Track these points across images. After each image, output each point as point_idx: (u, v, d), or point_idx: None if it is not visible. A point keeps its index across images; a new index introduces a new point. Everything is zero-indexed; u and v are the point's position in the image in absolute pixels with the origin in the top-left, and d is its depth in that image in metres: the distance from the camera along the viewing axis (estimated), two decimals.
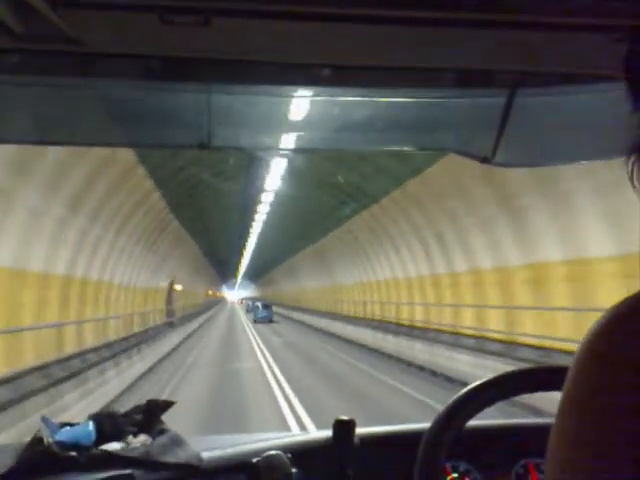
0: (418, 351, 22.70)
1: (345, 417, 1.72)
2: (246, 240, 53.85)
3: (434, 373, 19.66)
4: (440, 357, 20.22)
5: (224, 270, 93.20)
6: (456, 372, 17.76)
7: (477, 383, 1.29)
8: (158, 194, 23.70)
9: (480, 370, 15.38)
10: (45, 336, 15.62)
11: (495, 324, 18.01)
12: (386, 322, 30.17)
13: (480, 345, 18.25)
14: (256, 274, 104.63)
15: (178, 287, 42.05)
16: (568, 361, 0.72)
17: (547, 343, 14.66)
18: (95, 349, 18.71)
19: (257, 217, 38.77)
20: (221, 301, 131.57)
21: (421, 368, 21.12)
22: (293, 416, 13.49)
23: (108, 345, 20.38)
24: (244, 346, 32.90)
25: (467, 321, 20.30)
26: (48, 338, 15.84)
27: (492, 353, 16.90)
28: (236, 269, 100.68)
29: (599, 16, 1.10)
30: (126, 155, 17.52)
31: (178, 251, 39.00)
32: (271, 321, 55.69)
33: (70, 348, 17.14)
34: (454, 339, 20.51)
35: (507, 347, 16.70)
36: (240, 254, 70.19)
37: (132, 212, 22.50)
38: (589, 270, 13.30)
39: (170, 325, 35.06)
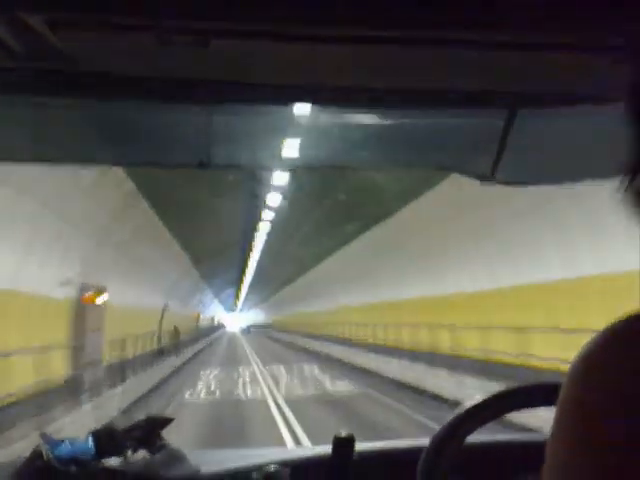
0: None
1: (344, 433, 1.72)
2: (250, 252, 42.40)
3: None
4: None
5: (221, 288, 70.88)
6: None
7: (477, 399, 1.30)
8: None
9: None
10: None
11: None
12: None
13: None
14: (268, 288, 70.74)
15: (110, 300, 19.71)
16: None
17: None
18: None
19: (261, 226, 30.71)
20: (220, 328, 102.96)
21: None
22: None
23: None
24: None
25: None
26: None
27: None
28: (238, 289, 79.31)
29: (599, 38, 1.11)
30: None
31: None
32: (249, 332, 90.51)
33: None
34: None
35: None
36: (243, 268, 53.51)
37: None
38: None
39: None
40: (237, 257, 46.87)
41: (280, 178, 20.65)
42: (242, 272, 58.13)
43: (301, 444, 12.01)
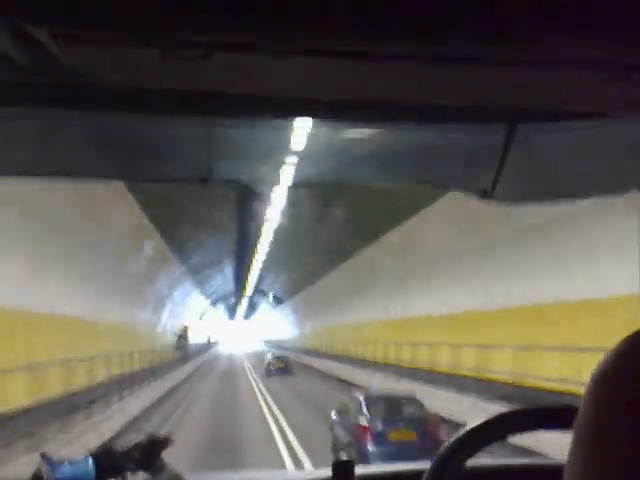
0: None
1: (345, 458, 1.70)
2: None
3: None
4: None
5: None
6: None
7: (478, 421, 1.28)
8: None
9: None
10: None
11: None
12: None
13: None
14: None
15: None
16: None
17: None
18: None
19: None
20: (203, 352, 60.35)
21: None
22: None
23: None
24: None
25: None
26: None
27: None
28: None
29: (599, 53, 1.11)
30: None
31: None
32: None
33: None
34: None
35: None
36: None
37: None
38: None
39: None
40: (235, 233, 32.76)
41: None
42: (250, 252, 38.10)
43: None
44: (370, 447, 12.38)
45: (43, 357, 16.25)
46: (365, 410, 13.19)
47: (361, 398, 13.96)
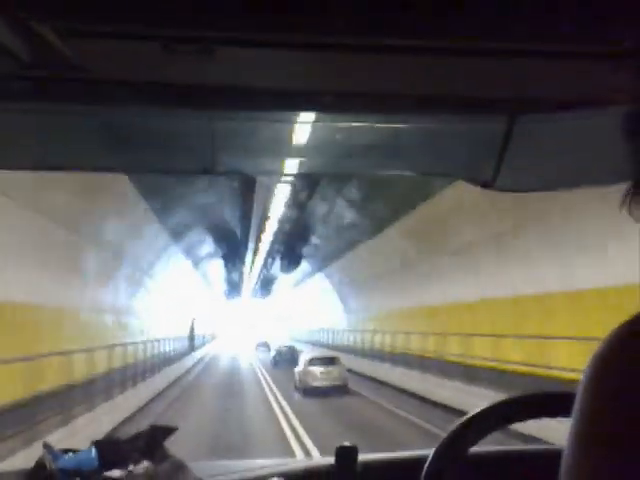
0: None
1: (348, 444, 1.72)
2: None
3: None
4: None
5: None
6: None
7: (481, 408, 1.29)
8: None
9: None
10: None
11: None
12: None
13: None
14: None
15: None
16: None
17: None
18: None
19: None
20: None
21: None
22: None
23: None
24: None
25: None
26: None
27: None
28: None
29: (598, 43, 1.11)
30: None
31: None
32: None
33: None
34: None
35: None
36: None
37: None
38: None
39: None
40: None
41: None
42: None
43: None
44: (276, 358, 45.05)
45: None
46: (274, 352, 47.64)
47: (275, 348, 49.99)
